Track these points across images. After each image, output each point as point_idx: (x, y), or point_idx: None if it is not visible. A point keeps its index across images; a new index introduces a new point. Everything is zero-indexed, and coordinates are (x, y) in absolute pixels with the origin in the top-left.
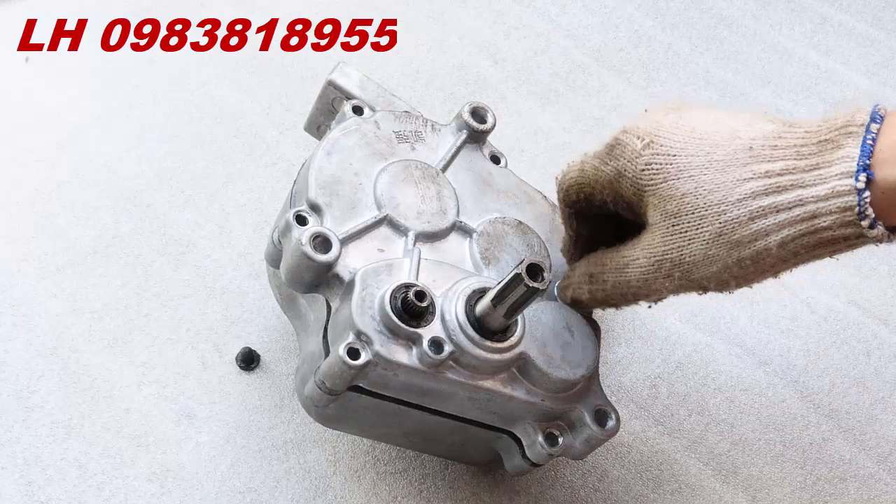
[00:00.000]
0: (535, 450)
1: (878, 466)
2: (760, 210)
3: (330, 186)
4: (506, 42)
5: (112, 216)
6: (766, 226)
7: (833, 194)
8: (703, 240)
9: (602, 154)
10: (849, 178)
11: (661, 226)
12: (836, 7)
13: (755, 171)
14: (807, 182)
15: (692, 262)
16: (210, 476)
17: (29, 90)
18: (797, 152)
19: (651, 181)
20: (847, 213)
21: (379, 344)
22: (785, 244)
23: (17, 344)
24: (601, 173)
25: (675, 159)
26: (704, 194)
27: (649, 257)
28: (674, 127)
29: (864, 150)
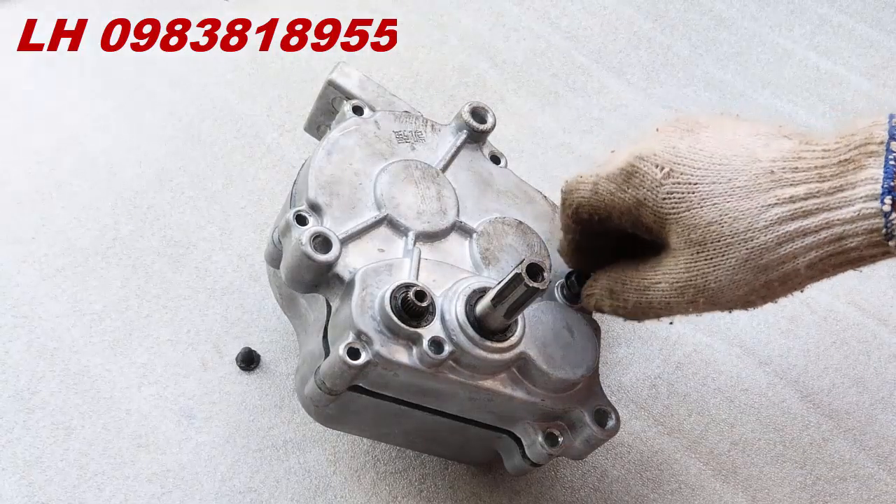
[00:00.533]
0: (535, 450)
1: (878, 466)
2: (787, 235)
3: (330, 186)
4: (506, 43)
5: (112, 217)
6: (793, 249)
7: (860, 217)
8: (729, 266)
9: (618, 180)
10: (874, 200)
11: (685, 252)
12: (836, 8)
13: (779, 197)
14: (832, 205)
15: (718, 288)
16: (210, 476)
17: (29, 91)
18: (819, 174)
19: (674, 210)
20: (874, 235)
21: (379, 344)
22: (813, 265)
23: (18, 345)
24: (618, 200)
25: (696, 188)
26: (730, 222)
27: (672, 283)
28: (692, 153)
29: (888, 172)
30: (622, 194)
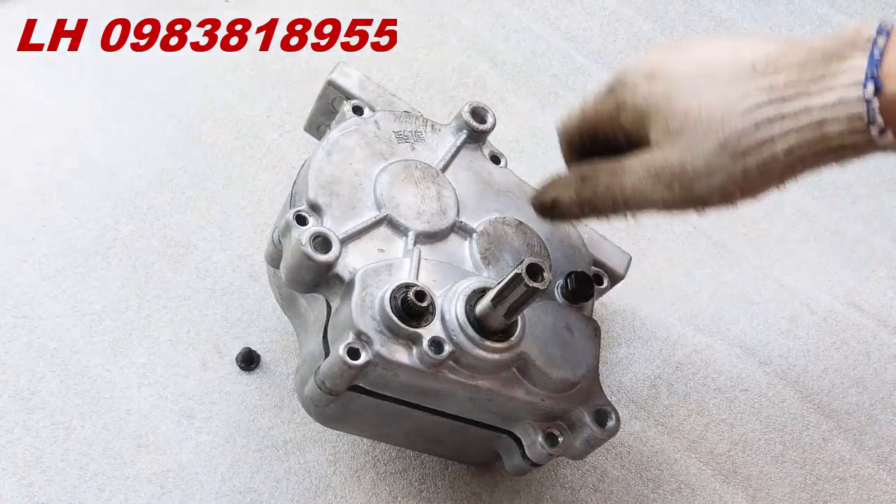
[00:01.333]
0: (535, 450)
1: (878, 466)
2: (766, 118)
3: (330, 186)
4: (506, 44)
5: (112, 218)
6: (771, 133)
7: (840, 102)
8: (705, 150)
9: (601, 93)
10: (857, 87)
11: (663, 140)
12: (836, 8)
13: (759, 86)
14: (812, 91)
15: (694, 173)
16: (210, 476)
17: (29, 91)
18: (801, 67)
19: (655, 104)
20: (856, 121)
21: (379, 344)
22: (792, 151)
23: (18, 345)
24: (603, 109)
25: (679, 82)
26: (707, 109)
27: (648, 167)
28: (677, 58)
29: (872, 61)
30: (603, 106)
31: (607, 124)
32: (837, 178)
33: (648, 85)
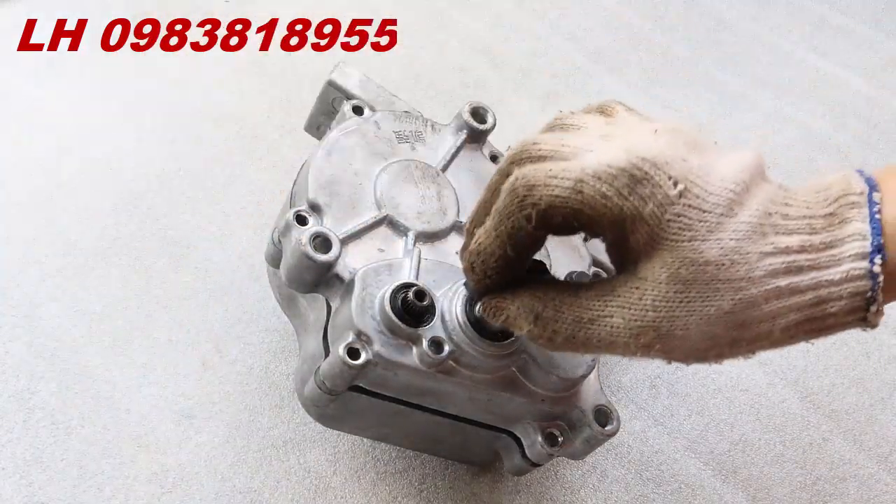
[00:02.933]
0: (535, 450)
1: (878, 466)
2: (777, 291)
3: (330, 186)
4: (506, 44)
5: (113, 218)
6: (777, 308)
7: (846, 278)
8: (707, 315)
9: (618, 184)
10: (863, 259)
11: (661, 287)
12: (836, 9)
13: (776, 245)
14: (822, 262)
15: (682, 337)
16: (210, 476)
17: (29, 91)
18: (809, 225)
19: (675, 236)
20: (857, 299)
21: (379, 344)
22: (788, 328)
23: (18, 345)
24: (614, 208)
25: (706, 216)
26: (728, 265)
27: (629, 321)
28: (704, 172)
29: (875, 227)
30: (621, 202)
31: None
32: None
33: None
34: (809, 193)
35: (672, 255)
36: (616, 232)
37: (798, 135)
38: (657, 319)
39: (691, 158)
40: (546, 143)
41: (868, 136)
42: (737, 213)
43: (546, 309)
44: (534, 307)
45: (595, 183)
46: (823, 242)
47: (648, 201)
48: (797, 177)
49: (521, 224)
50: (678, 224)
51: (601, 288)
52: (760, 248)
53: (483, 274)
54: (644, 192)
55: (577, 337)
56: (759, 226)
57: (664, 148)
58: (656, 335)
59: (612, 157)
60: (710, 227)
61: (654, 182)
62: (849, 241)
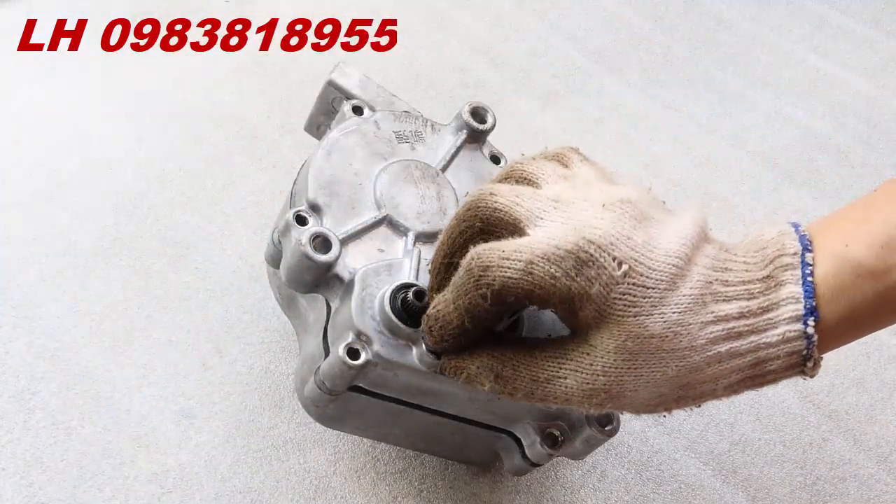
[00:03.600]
0: (535, 450)
1: (878, 466)
2: (718, 356)
3: (330, 186)
4: (506, 44)
5: (113, 218)
6: (720, 370)
7: (783, 340)
8: (653, 380)
9: (565, 266)
10: (797, 322)
11: (610, 356)
12: (835, 9)
13: (717, 314)
14: (759, 327)
15: (632, 398)
16: (210, 476)
17: (29, 91)
18: (747, 290)
19: (621, 312)
20: (794, 357)
21: (379, 344)
22: (731, 386)
23: (18, 345)
24: (562, 288)
25: (649, 292)
26: (671, 337)
27: (582, 383)
28: (647, 249)
29: (808, 290)
30: (569, 282)
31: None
32: (837, 179)
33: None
34: (748, 254)
35: (619, 328)
36: (565, 308)
37: (798, 135)
38: (607, 384)
39: (636, 235)
40: (501, 197)
41: (868, 136)
42: (679, 287)
43: (504, 369)
44: (493, 367)
45: (544, 265)
46: (761, 307)
47: (595, 282)
48: (797, 177)
49: (478, 301)
50: (623, 301)
51: (555, 349)
52: (701, 318)
53: (441, 338)
54: (590, 274)
55: (535, 394)
56: (699, 297)
57: (609, 227)
58: (608, 396)
59: (560, 239)
60: (654, 302)
61: (599, 264)
62: (783, 304)
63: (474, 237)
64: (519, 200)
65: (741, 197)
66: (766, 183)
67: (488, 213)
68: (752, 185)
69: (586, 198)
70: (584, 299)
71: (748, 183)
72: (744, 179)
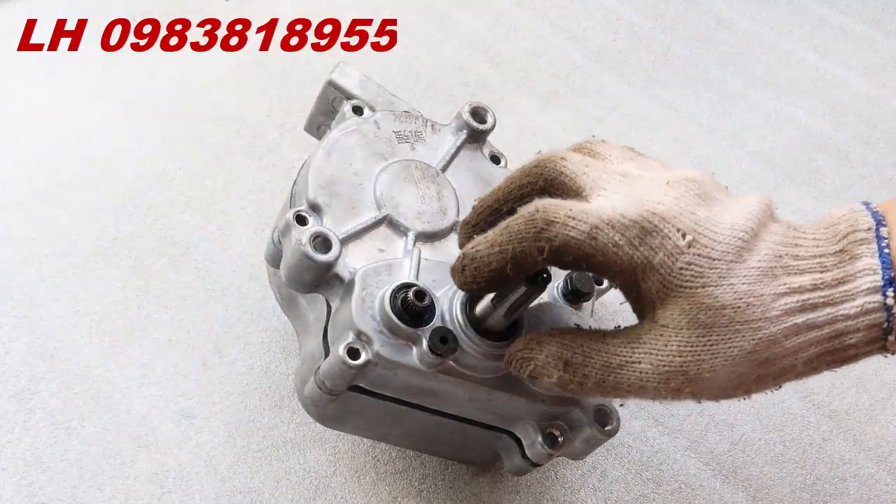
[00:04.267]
0: (535, 450)
1: (878, 466)
2: (795, 328)
3: (330, 186)
4: (506, 44)
5: (113, 218)
6: (798, 343)
7: (862, 312)
8: (731, 356)
9: (629, 234)
10: (876, 293)
11: (684, 333)
12: (835, 9)
13: (790, 286)
14: (836, 298)
15: (711, 379)
16: (210, 476)
17: (29, 91)
18: (820, 263)
19: (688, 283)
20: (874, 330)
21: (379, 344)
22: (811, 361)
23: (19, 345)
24: (624, 256)
25: (716, 264)
26: (744, 308)
27: (657, 366)
28: (711, 223)
29: (885, 261)
30: (632, 251)
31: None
32: (837, 179)
33: (688, 254)
34: (818, 231)
35: (688, 301)
36: (626, 278)
37: (798, 135)
38: (684, 364)
39: (699, 211)
40: (571, 163)
41: (868, 135)
42: (746, 259)
43: (575, 355)
44: (562, 354)
45: (609, 231)
46: (836, 279)
47: (658, 251)
48: (797, 177)
49: (532, 252)
50: (690, 272)
51: (627, 335)
52: (773, 289)
53: (472, 279)
54: (654, 243)
55: (607, 382)
56: (769, 269)
57: (674, 202)
58: (685, 379)
59: (624, 208)
60: (722, 273)
61: (663, 234)
62: (860, 276)
63: (533, 193)
64: (587, 170)
65: None
66: (766, 183)
67: (555, 174)
68: (753, 185)
69: (651, 177)
70: (648, 269)
71: (748, 183)
72: (744, 179)
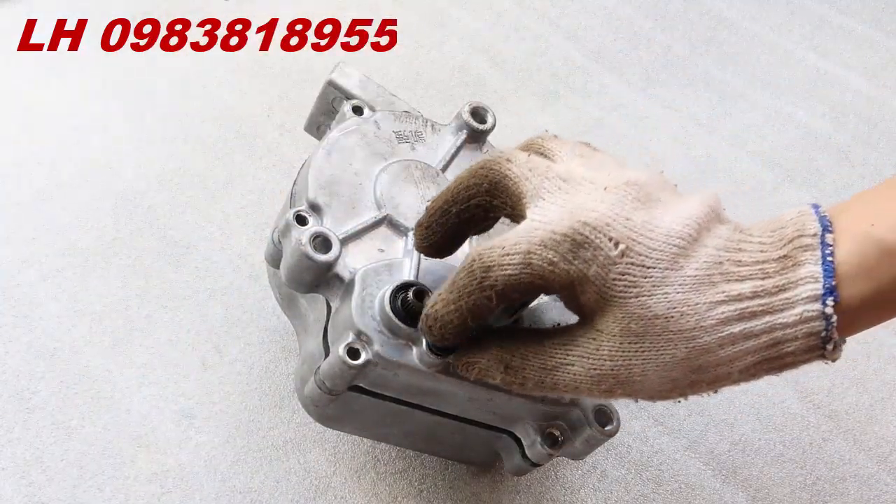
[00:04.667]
0: (535, 450)
1: (878, 466)
2: (731, 337)
3: (330, 186)
4: (506, 43)
5: (112, 218)
6: (734, 352)
7: (801, 320)
8: (662, 363)
9: (562, 249)
10: (816, 301)
11: (615, 339)
12: (835, 9)
13: (728, 293)
14: (775, 307)
15: (641, 382)
16: (210, 476)
17: (29, 91)
18: (762, 270)
19: (622, 293)
20: (812, 338)
21: (379, 344)
22: (747, 369)
23: (18, 345)
24: (560, 273)
25: (650, 272)
26: (677, 317)
27: (589, 369)
28: (646, 229)
29: (827, 269)
30: (567, 266)
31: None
32: (837, 179)
33: (620, 263)
34: (765, 234)
35: (622, 310)
36: (567, 293)
37: (798, 135)
38: (615, 368)
39: (636, 216)
40: (515, 166)
41: (868, 135)
42: (683, 266)
43: (513, 359)
44: (502, 358)
45: (541, 251)
46: (777, 286)
47: (592, 263)
48: (797, 177)
49: (483, 303)
50: (623, 282)
51: (563, 337)
52: (710, 297)
53: (441, 337)
54: (587, 256)
55: (544, 382)
56: (706, 276)
57: (607, 209)
58: (616, 381)
59: (556, 223)
60: (655, 282)
61: (594, 245)
62: (801, 283)
63: (479, 196)
64: (530, 175)
65: (741, 197)
66: (766, 183)
67: (499, 178)
68: (753, 185)
69: (592, 180)
70: (584, 282)
71: (748, 183)
72: (744, 179)
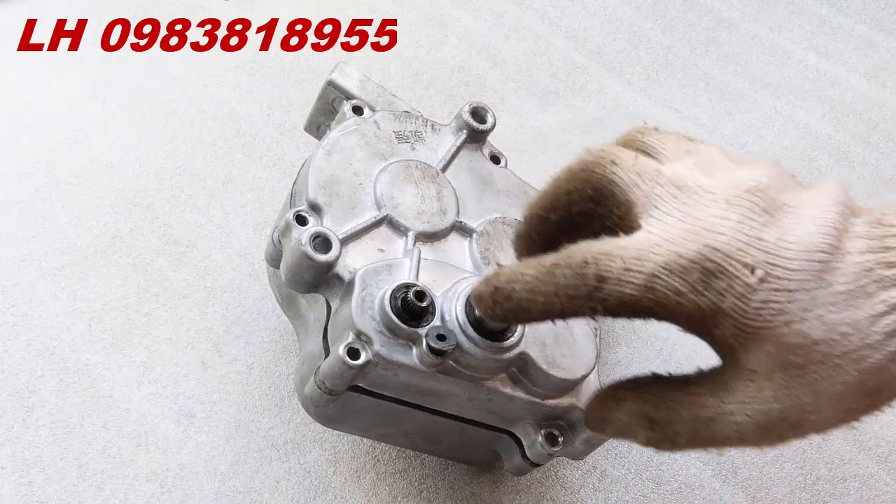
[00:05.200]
0: (535, 450)
1: (878, 466)
2: None
3: (330, 186)
4: (506, 43)
5: (112, 216)
6: None
7: None
8: (836, 393)
9: (691, 278)
10: None
11: (776, 377)
12: (836, 9)
13: (888, 302)
14: None
15: (818, 420)
16: (210, 476)
17: (29, 91)
18: None
19: (769, 325)
20: None
21: (379, 344)
22: None
23: (17, 343)
24: (690, 305)
25: (795, 296)
26: (839, 339)
27: (755, 415)
28: (782, 247)
29: None
30: (696, 297)
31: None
32: (837, 179)
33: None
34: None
35: (773, 343)
36: (695, 324)
37: (798, 135)
38: (785, 410)
39: (767, 234)
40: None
41: (868, 135)
42: (831, 283)
43: (658, 411)
44: (645, 411)
45: (667, 278)
46: None
47: (727, 294)
48: (797, 177)
49: (583, 311)
50: (768, 311)
51: (712, 383)
52: (869, 310)
53: (503, 318)
54: (720, 286)
55: (700, 436)
56: (860, 289)
57: (735, 229)
58: (788, 426)
59: (681, 245)
60: (804, 304)
61: (729, 274)
62: None
63: (582, 202)
64: (639, 181)
65: None
66: None
67: (604, 183)
68: None
69: (710, 188)
70: (718, 315)
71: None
72: None
